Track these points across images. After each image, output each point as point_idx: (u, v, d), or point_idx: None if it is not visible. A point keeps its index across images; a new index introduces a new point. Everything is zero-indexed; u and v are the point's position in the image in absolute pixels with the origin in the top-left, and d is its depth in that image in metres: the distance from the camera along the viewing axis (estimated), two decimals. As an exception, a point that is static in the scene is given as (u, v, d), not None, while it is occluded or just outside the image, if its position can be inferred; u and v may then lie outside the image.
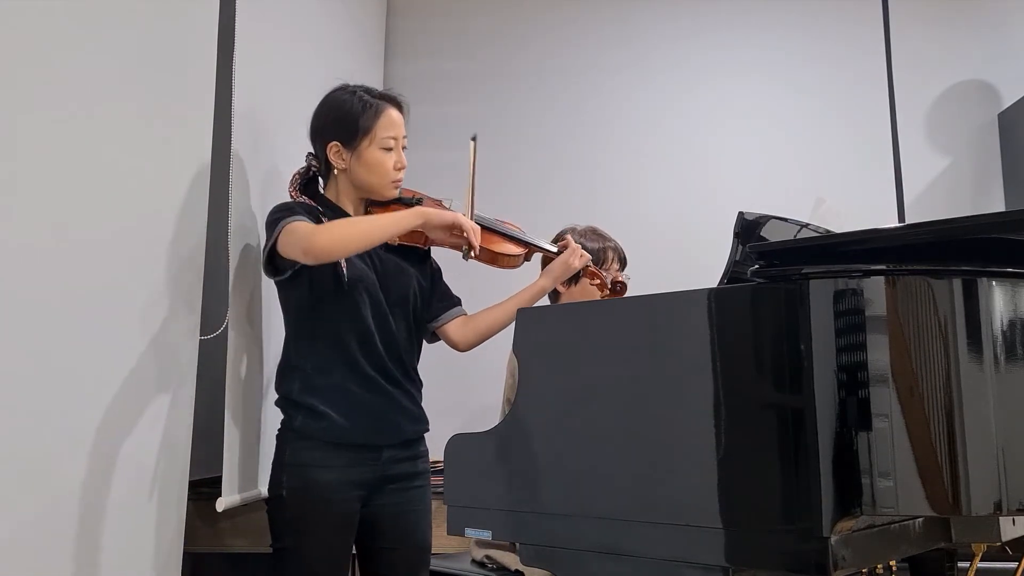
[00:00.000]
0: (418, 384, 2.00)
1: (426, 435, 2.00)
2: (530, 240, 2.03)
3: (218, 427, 1.90)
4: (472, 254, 1.88)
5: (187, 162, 1.81)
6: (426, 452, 2.00)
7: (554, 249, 2.05)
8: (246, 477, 1.97)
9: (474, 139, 1.94)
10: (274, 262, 1.81)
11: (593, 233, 2.38)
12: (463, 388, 3.18)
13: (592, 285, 2.14)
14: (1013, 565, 2.28)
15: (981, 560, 1.80)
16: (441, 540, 2.57)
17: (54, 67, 1.41)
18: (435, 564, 2.23)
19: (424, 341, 2.07)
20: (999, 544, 1.64)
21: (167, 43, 1.74)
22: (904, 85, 3.38)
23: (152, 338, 1.67)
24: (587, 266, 2.06)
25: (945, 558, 1.84)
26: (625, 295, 2.15)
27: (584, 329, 1.54)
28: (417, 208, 1.86)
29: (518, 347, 1.59)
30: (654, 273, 2.28)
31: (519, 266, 2.02)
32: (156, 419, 1.69)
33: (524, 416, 1.56)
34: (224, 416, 1.89)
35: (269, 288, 2.08)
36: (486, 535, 1.58)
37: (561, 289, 2.38)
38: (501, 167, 3.43)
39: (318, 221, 1.82)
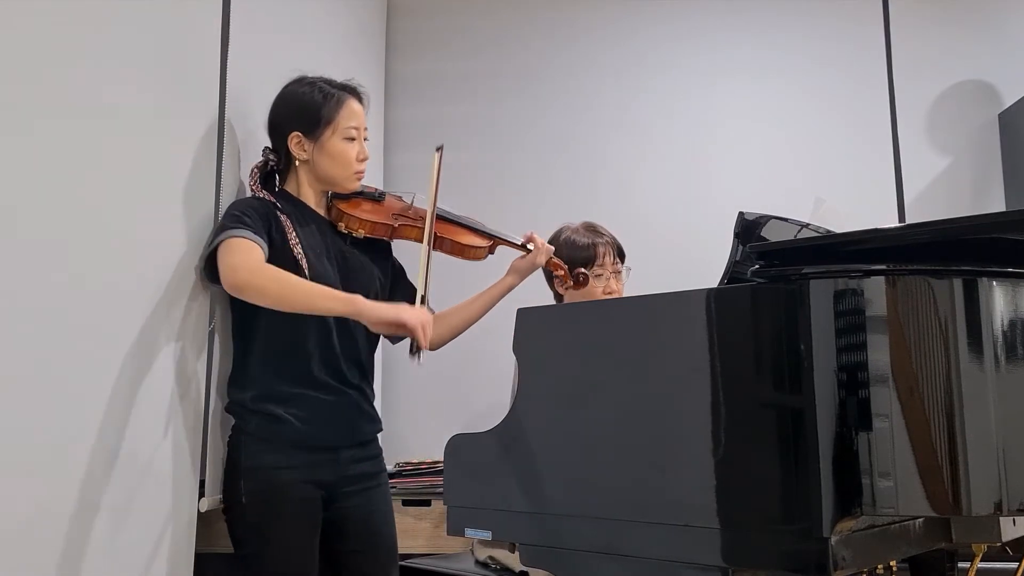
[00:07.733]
0: (372, 384, 1.98)
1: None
2: (494, 232, 2.04)
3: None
4: (420, 355, 1.81)
5: (196, 158, 1.81)
6: (381, 452, 2.00)
7: (518, 240, 2.07)
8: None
9: (439, 150, 1.91)
10: (212, 267, 1.75)
11: (586, 229, 2.35)
12: (464, 388, 3.18)
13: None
14: (1013, 565, 2.28)
15: (981, 560, 1.80)
16: (443, 540, 2.58)
17: (59, 67, 1.41)
18: (437, 564, 2.23)
19: (390, 342, 2.07)
20: (999, 544, 1.64)
21: (173, 41, 1.75)
22: (904, 85, 3.38)
23: (163, 336, 1.68)
24: (550, 259, 2.08)
25: (945, 558, 1.84)
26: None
27: (584, 329, 1.54)
28: (357, 299, 1.73)
29: (518, 347, 1.59)
30: (654, 273, 2.28)
31: (484, 258, 2.04)
32: (168, 416, 1.69)
33: (524, 416, 1.56)
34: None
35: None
36: (486, 535, 1.58)
37: (562, 291, 2.39)
38: (501, 167, 3.43)
39: (274, 218, 1.80)
